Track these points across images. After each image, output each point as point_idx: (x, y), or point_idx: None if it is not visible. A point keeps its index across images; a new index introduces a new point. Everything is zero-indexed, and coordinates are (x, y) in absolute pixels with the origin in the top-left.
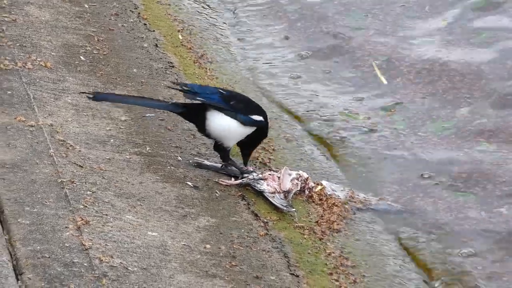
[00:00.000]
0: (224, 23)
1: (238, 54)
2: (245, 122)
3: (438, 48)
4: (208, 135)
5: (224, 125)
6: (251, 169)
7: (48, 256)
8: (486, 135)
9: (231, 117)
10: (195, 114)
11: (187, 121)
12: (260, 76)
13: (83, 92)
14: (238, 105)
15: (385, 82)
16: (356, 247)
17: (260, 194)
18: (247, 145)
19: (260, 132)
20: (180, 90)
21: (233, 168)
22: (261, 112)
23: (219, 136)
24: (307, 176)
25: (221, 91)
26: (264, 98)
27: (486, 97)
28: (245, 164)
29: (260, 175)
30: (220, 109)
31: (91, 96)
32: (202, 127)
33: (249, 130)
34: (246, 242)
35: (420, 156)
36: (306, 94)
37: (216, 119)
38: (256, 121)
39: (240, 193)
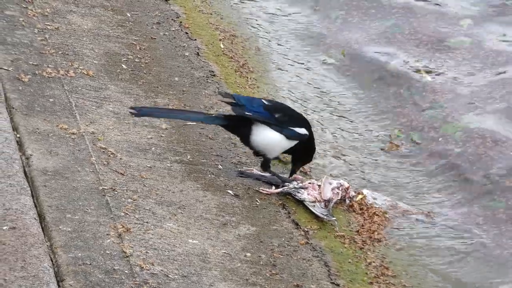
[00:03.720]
0: (266, 32)
1: (280, 64)
2: (290, 136)
3: None
4: (251, 147)
5: (269, 139)
6: (292, 178)
7: (89, 263)
8: None
9: (277, 131)
10: (239, 127)
11: (229, 132)
12: (301, 86)
13: (132, 108)
14: (284, 118)
15: (429, 79)
16: (397, 257)
17: (300, 203)
18: (297, 158)
19: (305, 145)
20: (228, 103)
21: (274, 176)
22: (304, 124)
23: (263, 149)
24: (348, 185)
25: (265, 102)
26: (304, 109)
27: None
28: (291, 175)
29: (301, 184)
30: (267, 123)
31: (135, 112)
32: (246, 139)
33: (292, 143)
34: (287, 250)
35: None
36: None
37: (262, 133)
38: (300, 134)
39: (280, 202)
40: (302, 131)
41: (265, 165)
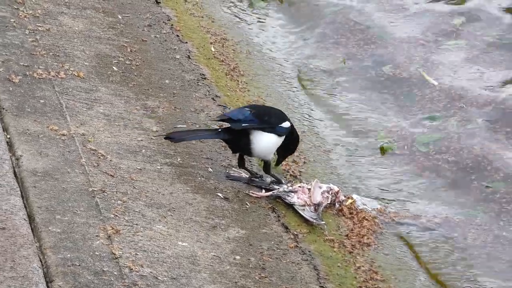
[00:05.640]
0: (257, 36)
1: (271, 67)
2: (281, 133)
3: None
4: (254, 156)
5: (267, 143)
6: (283, 181)
7: (78, 264)
8: None
9: (271, 132)
10: (239, 140)
11: (229, 147)
12: (292, 90)
13: (160, 135)
14: (271, 119)
15: (435, 83)
16: (386, 261)
17: (290, 206)
18: (283, 150)
19: (290, 137)
20: (224, 121)
21: (265, 180)
22: (285, 117)
23: (264, 154)
24: (338, 189)
25: (252, 110)
26: (295, 111)
27: None
28: (277, 164)
29: (291, 188)
30: (261, 129)
31: (171, 138)
32: (248, 150)
33: (282, 139)
34: (276, 254)
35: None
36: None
37: (260, 139)
38: (287, 128)
39: (270, 205)
40: (287, 124)
41: (268, 168)
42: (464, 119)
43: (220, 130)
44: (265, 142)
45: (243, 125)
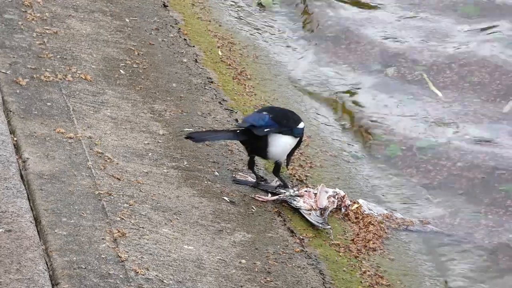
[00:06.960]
0: (265, 41)
1: (278, 72)
2: (296, 135)
3: None
4: (270, 158)
5: (284, 145)
6: (289, 185)
7: (84, 267)
8: None
9: (288, 134)
10: (257, 142)
11: (246, 149)
12: (299, 94)
13: (182, 135)
14: (289, 122)
15: (440, 94)
16: (392, 266)
17: (296, 210)
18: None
19: (301, 137)
20: (246, 127)
21: (271, 184)
22: (299, 118)
23: (279, 156)
24: (344, 194)
25: (268, 113)
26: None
27: None
28: (287, 165)
29: (297, 192)
30: (280, 132)
31: (191, 138)
32: (264, 153)
33: (297, 140)
34: (282, 258)
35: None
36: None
37: (278, 142)
38: (302, 129)
39: (276, 209)
40: (302, 125)
41: (278, 170)
42: (470, 121)
43: (238, 131)
44: (283, 144)
45: (265, 130)
